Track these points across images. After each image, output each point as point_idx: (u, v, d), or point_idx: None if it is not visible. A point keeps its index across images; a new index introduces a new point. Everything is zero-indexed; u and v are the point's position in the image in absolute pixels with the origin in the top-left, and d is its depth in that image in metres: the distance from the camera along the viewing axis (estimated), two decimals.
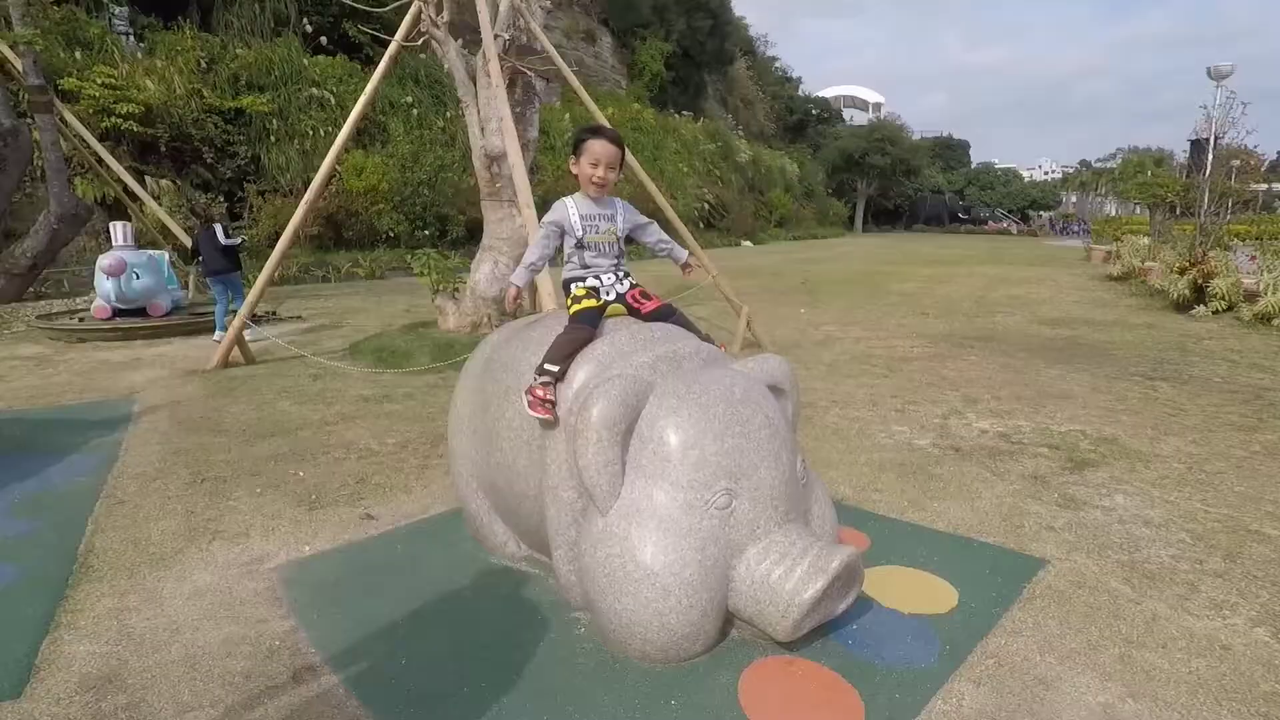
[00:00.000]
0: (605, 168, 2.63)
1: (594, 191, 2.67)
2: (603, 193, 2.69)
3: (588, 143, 2.65)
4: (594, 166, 2.63)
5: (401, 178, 17.62)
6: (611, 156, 2.64)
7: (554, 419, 2.39)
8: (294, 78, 18.18)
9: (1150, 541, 3.19)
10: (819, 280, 15.64)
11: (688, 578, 2.08)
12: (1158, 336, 8.79)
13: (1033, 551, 3.05)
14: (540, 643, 2.34)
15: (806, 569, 2.08)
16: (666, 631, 2.09)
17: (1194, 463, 4.26)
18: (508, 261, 7.39)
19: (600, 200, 2.72)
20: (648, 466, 2.18)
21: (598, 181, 2.64)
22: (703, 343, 2.62)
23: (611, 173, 2.65)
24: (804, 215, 41.38)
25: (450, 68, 7.38)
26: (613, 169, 2.65)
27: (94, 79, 14.32)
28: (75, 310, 9.27)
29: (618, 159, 2.67)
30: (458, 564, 2.89)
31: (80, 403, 5.46)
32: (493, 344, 3.00)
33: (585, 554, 2.23)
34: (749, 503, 2.18)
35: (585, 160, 2.64)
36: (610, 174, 2.64)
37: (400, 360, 6.70)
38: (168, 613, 2.53)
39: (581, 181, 2.69)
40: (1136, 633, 2.46)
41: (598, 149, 2.63)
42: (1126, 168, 45.27)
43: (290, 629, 2.45)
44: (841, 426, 4.94)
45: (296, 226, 7.05)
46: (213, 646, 2.33)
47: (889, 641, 2.33)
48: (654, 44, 36.25)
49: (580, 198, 2.71)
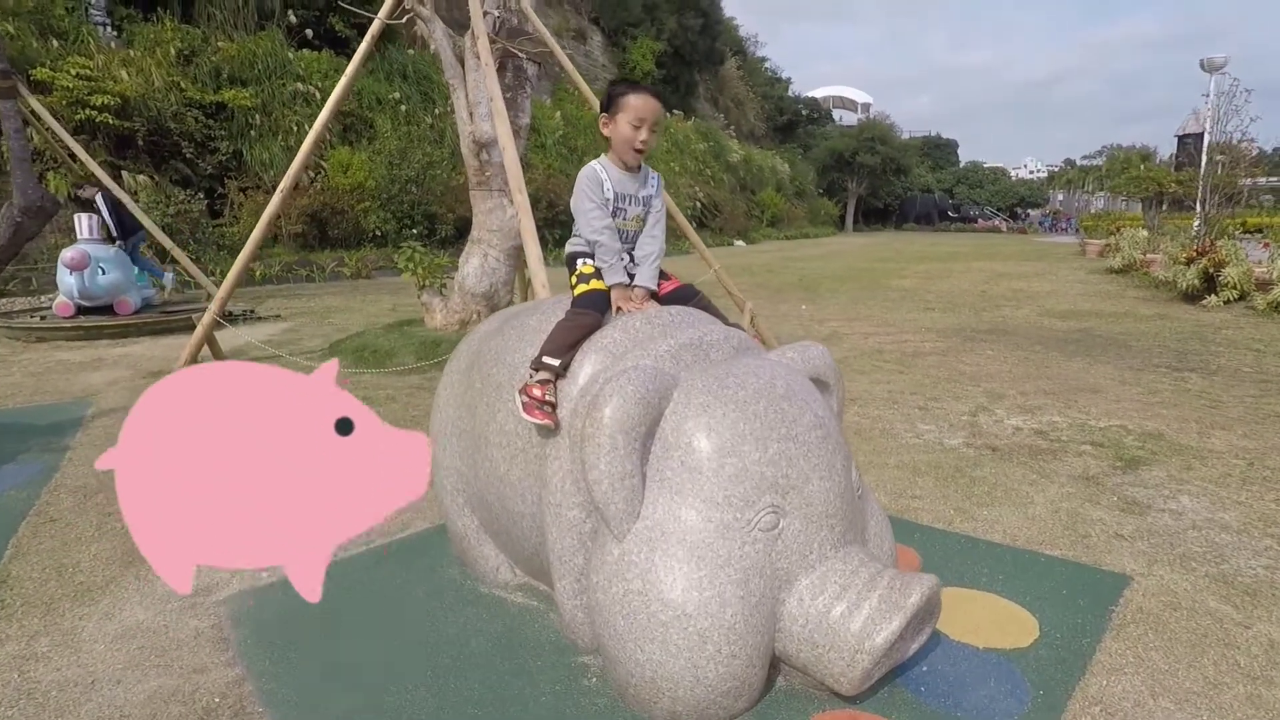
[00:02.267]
0: (649, 128, 2.16)
1: (633, 159, 2.21)
2: (640, 160, 2.25)
3: (626, 97, 2.17)
4: (637, 128, 2.16)
5: (389, 175, 17.12)
6: (657, 114, 2.17)
7: (554, 424, 1.95)
8: (278, 72, 17.62)
9: (1235, 550, 2.80)
10: (817, 277, 15.28)
11: (728, 620, 1.64)
12: (1173, 327, 8.52)
13: (1109, 565, 2.64)
14: (542, 698, 1.90)
15: (877, 605, 1.65)
16: (702, 686, 1.66)
17: (1253, 459, 3.90)
18: (498, 254, 6.95)
19: (637, 173, 2.27)
20: (674, 480, 1.75)
21: (640, 147, 2.18)
22: (731, 329, 2.19)
23: (654, 136, 2.19)
24: (795, 214, 41.12)
25: (436, 49, 6.94)
26: (655, 131, 2.19)
27: (68, 70, 13.75)
28: (38, 308, 8.75)
29: (663, 117, 2.21)
30: (441, 594, 2.44)
31: (29, 406, 4.98)
32: (481, 334, 2.56)
33: (597, 588, 1.78)
34: (800, 522, 1.75)
35: (625, 119, 2.16)
36: (653, 138, 2.18)
37: (382, 360, 6.24)
38: (84, 661, 2.08)
39: (618, 146, 2.21)
40: (1258, 665, 2.05)
41: (639, 105, 2.15)
42: (1113, 164, 45.38)
43: (234, 679, 2.00)
44: (863, 426, 4.53)
45: (271, 217, 6.58)
46: (134, 706, 1.88)
47: (969, 687, 1.90)
48: (645, 43, 35.84)
49: (613, 166, 2.24)
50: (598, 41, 36.80)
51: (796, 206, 42.29)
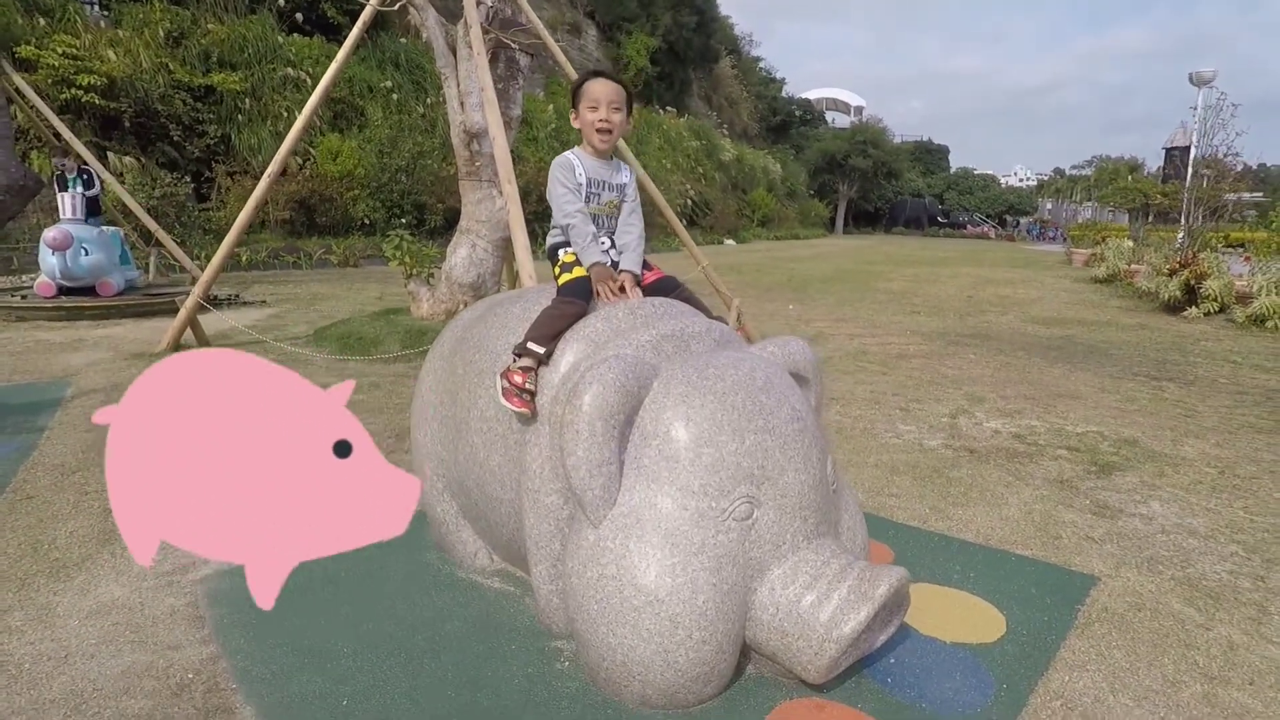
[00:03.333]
0: (608, 107, 2.22)
1: (600, 141, 2.26)
2: (610, 143, 2.27)
3: (583, 85, 2.26)
4: (594, 109, 2.22)
5: (379, 163, 17.03)
6: (615, 95, 2.23)
7: (531, 412, 1.97)
8: (268, 56, 17.46)
9: (1201, 554, 2.86)
10: (805, 278, 15.35)
11: (700, 606, 1.67)
12: (1154, 337, 8.63)
13: (1078, 566, 2.69)
14: (514, 680, 1.92)
15: (846, 595, 1.68)
16: (673, 670, 1.68)
17: (1224, 467, 3.97)
18: (486, 245, 6.94)
19: (608, 161, 2.31)
20: (651, 468, 1.77)
21: (602, 125, 2.22)
22: (713, 321, 2.21)
23: (617, 114, 2.24)
24: (786, 215, 41.24)
25: (429, 37, 6.91)
26: (618, 110, 2.24)
27: (54, 48, 13.58)
28: (19, 288, 8.65)
29: (623, 99, 2.25)
30: (418, 578, 2.45)
31: (7, 385, 4.93)
32: (465, 321, 2.57)
33: (572, 573, 1.81)
34: (774, 513, 1.78)
35: (584, 105, 2.24)
36: (616, 115, 2.23)
37: (367, 347, 6.23)
38: (58, 636, 2.07)
39: (585, 132, 2.28)
40: (1216, 665, 2.10)
41: (596, 89, 2.23)
42: (1101, 175, 45.84)
43: (209, 657, 2.00)
44: (845, 425, 4.58)
45: (258, 202, 6.54)
46: (108, 680, 1.89)
47: (934, 679, 1.94)
48: (640, 38, 35.78)
49: (585, 154, 2.29)
50: (592, 36, 36.71)
51: (787, 207, 42.42)
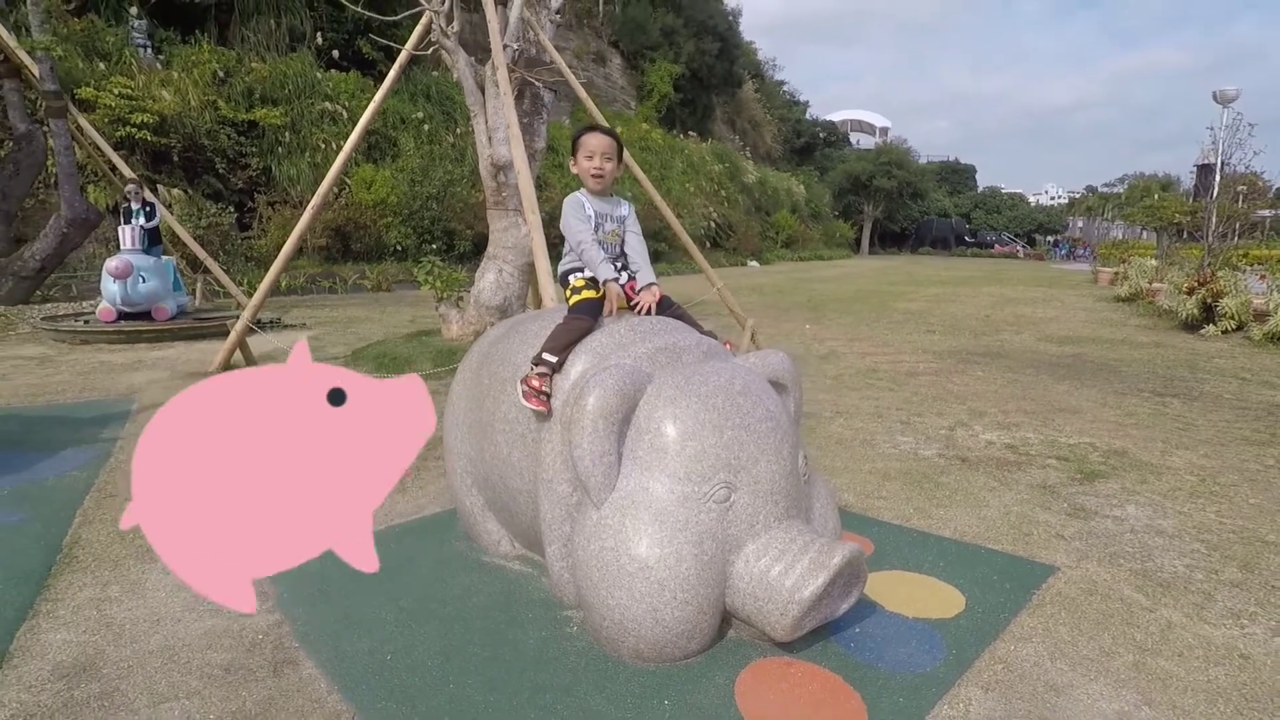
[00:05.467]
0: (601, 157, 2.61)
1: (594, 184, 2.64)
2: (603, 185, 2.66)
3: (581, 138, 2.66)
4: (589, 159, 2.62)
5: (410, 191, 17.70)
6: (605, 147, 2.62)
7: (547, 410, 2.33)
8: (307, 92, 18.35)
9: (1163, 551, 3.10)
10: (825, 299, 15.60)
11: (683, 573, 2.00)
12: (1166, 355, 8.72)
13: (1042, 559, 2.96)
14: (530, 641, 2.26)
15: (807, 565, 2.00)
16: (661, 628, 2.01)
17: (1206, 475, 4.17)
18: (512, 270, 7.37)
19: (608, 198, 2.70)
20: (644, 458, 2.12)
21: (595, 172, 2.62)
22: (703, 336, 2.56)
23: (609, 163, 2.63)
24: (810, 236, 41.45)
25: (459, 77, 7.41)
26: (609, 159, 2.63)
27: (111, 89, 14.48)
28: (81, 313, 9.28)
29: (614, 149, 2.65)
30: (449, 562, 2.82)
31: (78, 401, 5.42)
32: (490, 338, 2.95)
33: (579, 548, 2.15)
34: (748, 497, 2.11)
35: (581, 155, 2.64)
36: (607, 164, 2.62)
37: (401, 366, 6.65)
38: (150, 604, 2.46)
39: (583, 177, 2.67)
40: (1151, 640, 2.36)
41: (591, 142, 2.63)
42: (1133, 192, 45.31)
43: (275, 622, 2.37)
44: (845, 436, 4.86)
45: (302, 232, 7.05)
46: (194, 638, 2.26)
47: (892, 645, 2.24)
48: (663, 66, 36.56)
49: (588, 195, 2.69)
50: (617, 64, 37.58)
51: (811, 228, 42.64)
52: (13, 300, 9.95)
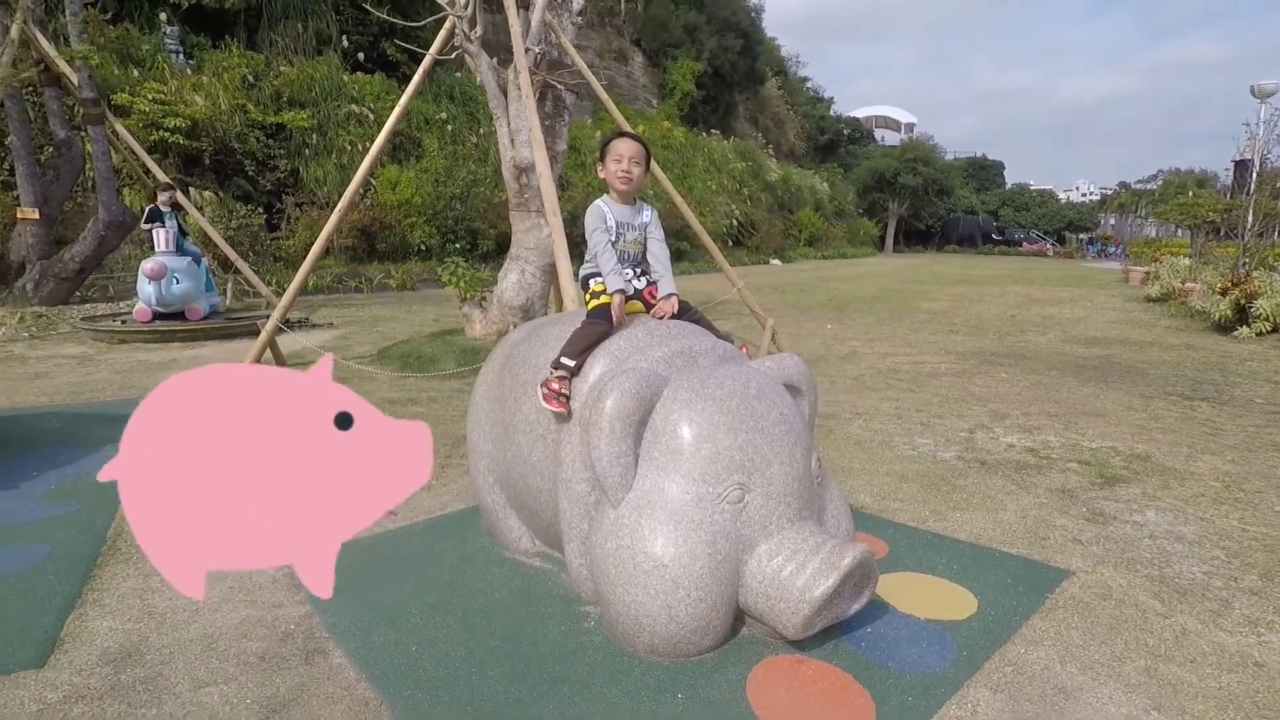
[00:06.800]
0: (630, 161, 2.66)
1: (621, 186, 2.70)
2: (630, 189, 2.72)
3: (611, 143, 2.72)
4: (618, 162, 2.68)
5: (434, 192, 17.92)
6: (635, 152, 2.68)
7: (567, 412, 2.40)
8: (333, 94, 18.64)
9: (1182, 557, 3.09)
10: (847, 298, 15.53)
11: (697, 571, 2.06)
12: (1197, 357, 8.58)
13: (1057, 563, 2.97)
14: (549, 635, 2.34)
15: (818, 566, 2.05)
16: (675, 624, 2.08)
17: (1231, 481, 4.13)
18: (534, 270, 7.46)
19: (631, 204, 2.75)
20: (660, 459, 2.18)
21: (623, 175, 2.67)
22: (719, 340, 2.62)
23: (637, 168, 2.68)
24: (834, 234, 41.17)
25: (482, 80, 7.52)
26: (638, 164, 2.69)
27: (145, 94, 14.84)
28: (118, 313, 9.56)
29: (642, 155, 2.70)
30: (472, 558, 2.90)
31: (118, 399, 5.61)
32: (512, 341, 3.03)
33: (596, 546, 2.22)
34: (761, 498, 2.16)
35: (610, 159, 2.70)
36: (636, 169, 2.68)
37: (426, 365, 6.78)
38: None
39: (610, 181, 2.72)
40: (1164, 646, 2.38)
41: (621, 147, 2.69)
42: (1167, 189, 44.27)
43: (305, 614, 2.48)
44: (864, 438, 4.88)
45: (330, 233, 7.20)
46: (230, 627, 2.37)
47: (903, 645, 2.28)
48: (685, 64, 36.50)
49: (612, 201, 2.74)
50: (639, 62, 37.60)
51: (835, 226, 42.34)
52: (53, 301, 10.26)
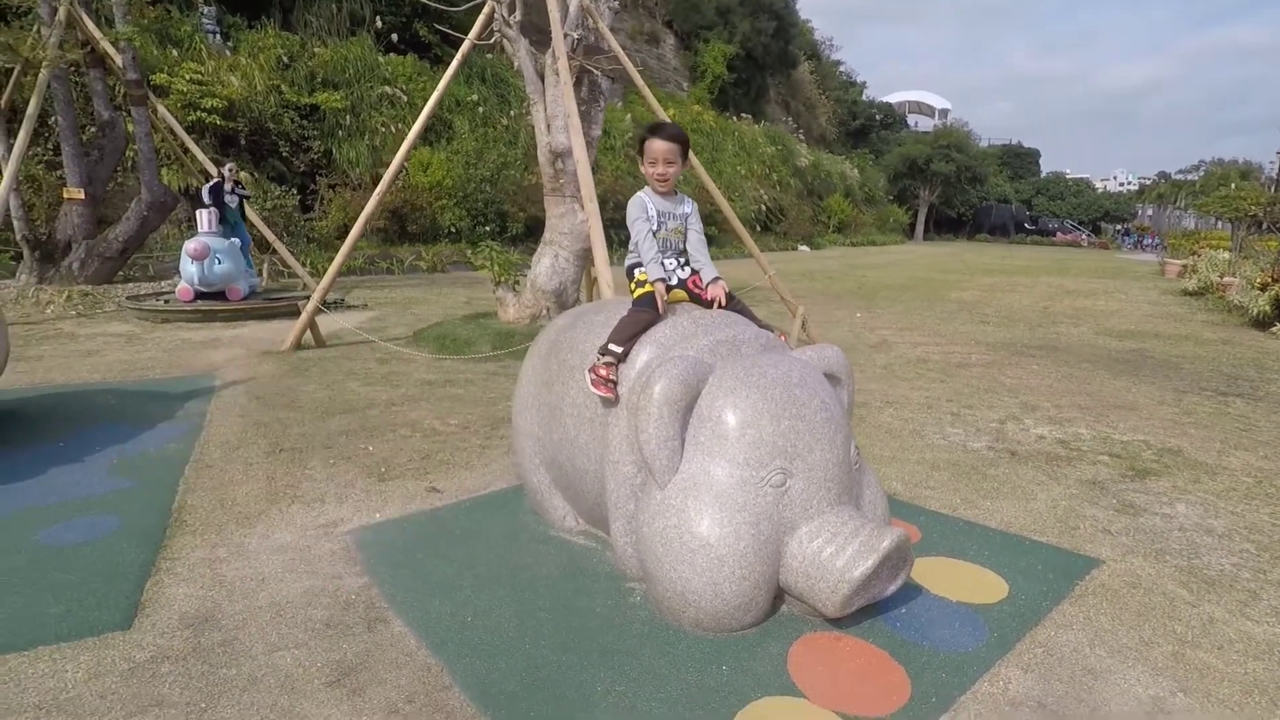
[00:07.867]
0: (663, 163, 2.74)
1: (659, 187, 2.78)
2: (668, 187, 2.80)
3: (647, 143, 2.79)
4: (653, 165, 2.76)
5: (465, 174, 18.05)
6: (667, 152, 2.74)
7: (614, 397, 2.51)
8: (367, 76, 18.80)
9: (1211, 549, 3.14)
10: (877, 286, 15.46)
11: (741, 550, 2.16)
12: (1233, 353, 8.47)
13: (1087, 552, 3.03)
14: (597, 608, 2.46)
15: (858, 548, 2.14)
16: (720, 600, 2.18)
17: (1263, 477, 4.14)
18: (568, 255, 7.56)
19: (670, 196, 2.84)
20: (706, 444, 2.28)
21: (659, 177, 2.76)
22: (761, 329, 2.70)
23: (671, 167, 2.76)
24: (863, 221, 40.71)
25: (520, 66, 7.59)
26: (671, 164, 2.76)
27: (182, 75, 15.11)
28: (161, 293, 9.83)
29: (675, 153, 2.77)
30: (518, 535, 3.03)
31: (167, 377, 5.82)
32: (558, 327, 3.13)
33: (643, 525, 2.33)
34: (803, 482, 2.25)
35: (645, 162, 2.79)
36: (670, 169, 2.75)
37: (461, 348, 6.93)
38: (254, 565, 2.74)
39: (649, 179, 2.81)
40: (1192, 633, 2.44)
41: (655, 148, 2.75)
42: (1209, 180, 43.08)
43: (364, 585, 2.62)
44: (895, 426, 4.94)
45: (368, 217, 7.37)
46: (295, 596, 2.52)
47: (937, 626, 2.37)
48: (717, 46, 36.16)
49: (652, 193, 2.83)
50: (670, 44, 37.34)
51: (865, 213, 41.86)
52: (98, 280, 10.57)
